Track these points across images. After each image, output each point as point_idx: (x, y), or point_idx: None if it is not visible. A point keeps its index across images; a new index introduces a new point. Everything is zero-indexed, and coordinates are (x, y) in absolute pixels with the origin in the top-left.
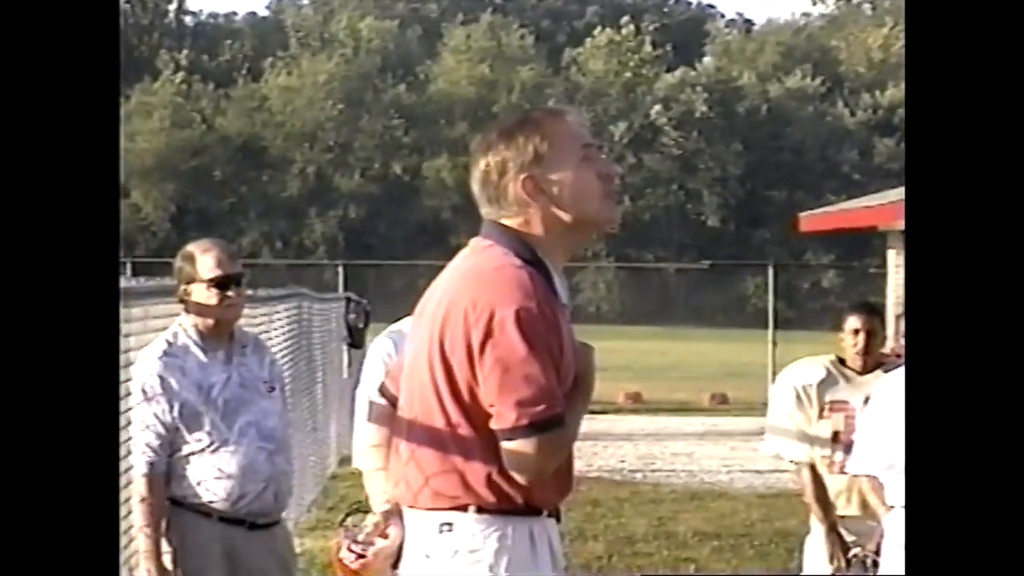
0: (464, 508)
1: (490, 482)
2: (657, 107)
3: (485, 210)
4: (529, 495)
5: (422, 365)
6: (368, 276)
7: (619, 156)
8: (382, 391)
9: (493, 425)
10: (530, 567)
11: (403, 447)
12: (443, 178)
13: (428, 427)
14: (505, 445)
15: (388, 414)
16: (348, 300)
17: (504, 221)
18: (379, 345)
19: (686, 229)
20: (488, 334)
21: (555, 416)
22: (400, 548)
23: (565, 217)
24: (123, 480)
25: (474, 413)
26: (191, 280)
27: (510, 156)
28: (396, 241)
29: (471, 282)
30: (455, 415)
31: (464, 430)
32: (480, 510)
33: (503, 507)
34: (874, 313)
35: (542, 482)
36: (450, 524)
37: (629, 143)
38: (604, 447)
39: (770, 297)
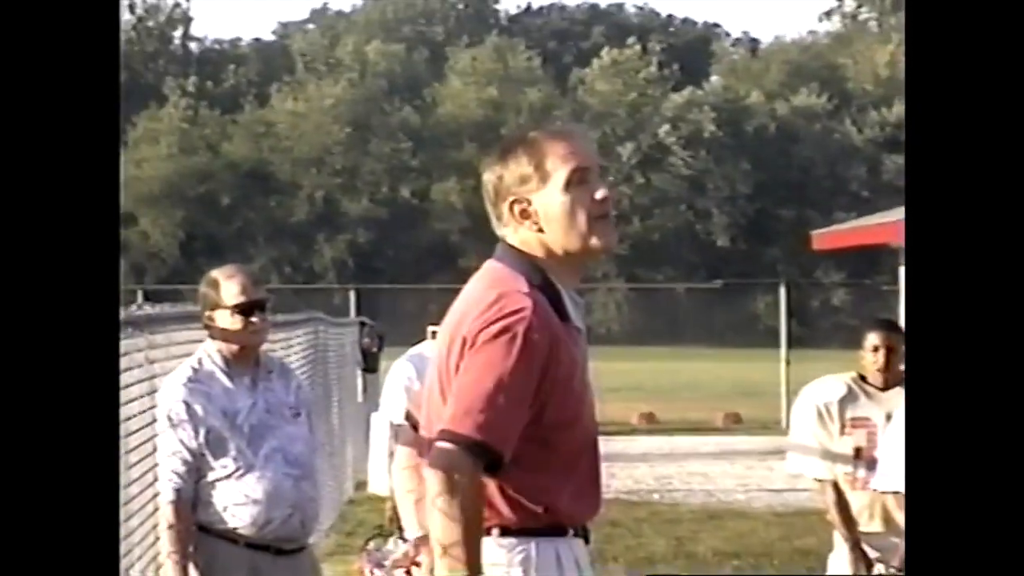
0: (488, 531)
1: (509, 500)
2: (665, 127)
3: (496, 228)
4: (553, 514)
5: (434, 386)
6: (379, 300)
7: (627, 176)
8: (408, 417)
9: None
10: None
11: (424, 471)
12: (452, 201)
13: None
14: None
15: (416, 438)
16: (362, 324)
17: (511, 241)
18: (399, 369)
19: (696, 249)
20: (460, 357)
21: (477, 444)
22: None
23: (552, 243)
24: (150, 507)
25: None
26: (215, 306)
27: (504, 176)
28: (406, 264)
29: (468, 305)
30: None
31: None
32: (503, 532)
33: (526, 526)
34: (894, 329)
35: (567, 500)
36: None
37: (637, 163)
38: (620, 468)
39: (782, 315)
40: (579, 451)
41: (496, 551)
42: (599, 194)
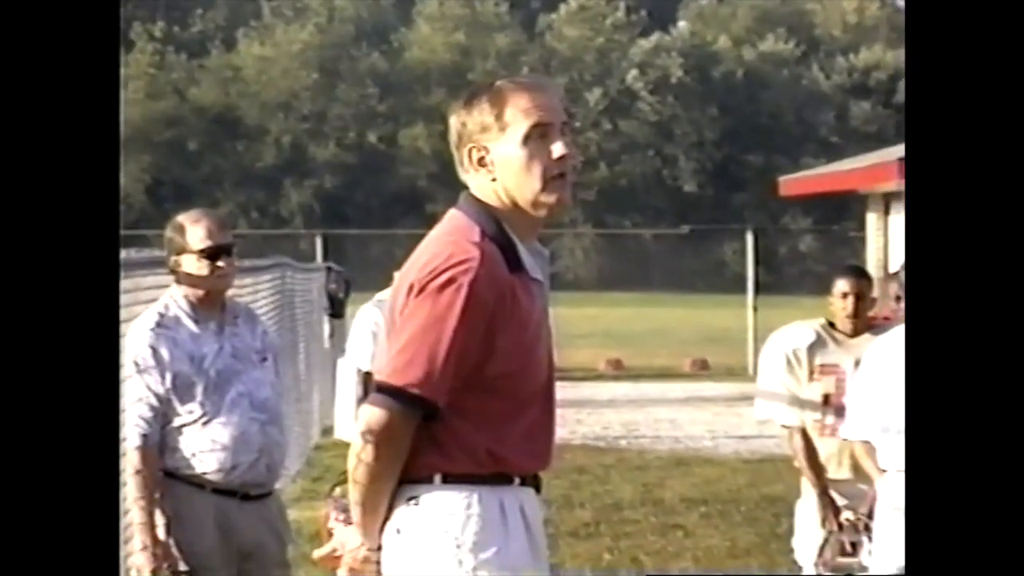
0: (430, 479)
1: (453, 448)
2: (633, 72)
3: (460, 174)
4: (497, 462)
5: (388, 328)
6: (346, 246)
7: (595, 122)
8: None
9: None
10: (499, 537)
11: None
12: (419, 147)
13: None
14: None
15: None
16: (329, 270)
17: (471, 189)
18: (366, 315)
19: (663, 195)
20: (405, 303)
21: (415, 398)
22: None
23: (505, 193)
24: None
25: None
26: (181, 251)
27: (467, 122)
28: (373, 210)
29: (422, 251)
30: None
31: None
32: (446, 479)
33: (469, 473)
34: (863, 276)
35: (512, 448)
36: (416, 497)
37: (605, 109)
38: (588, 414)
39: (749, 262)
40: (527, 401)
41: (438, 497)
42: (556, 151)
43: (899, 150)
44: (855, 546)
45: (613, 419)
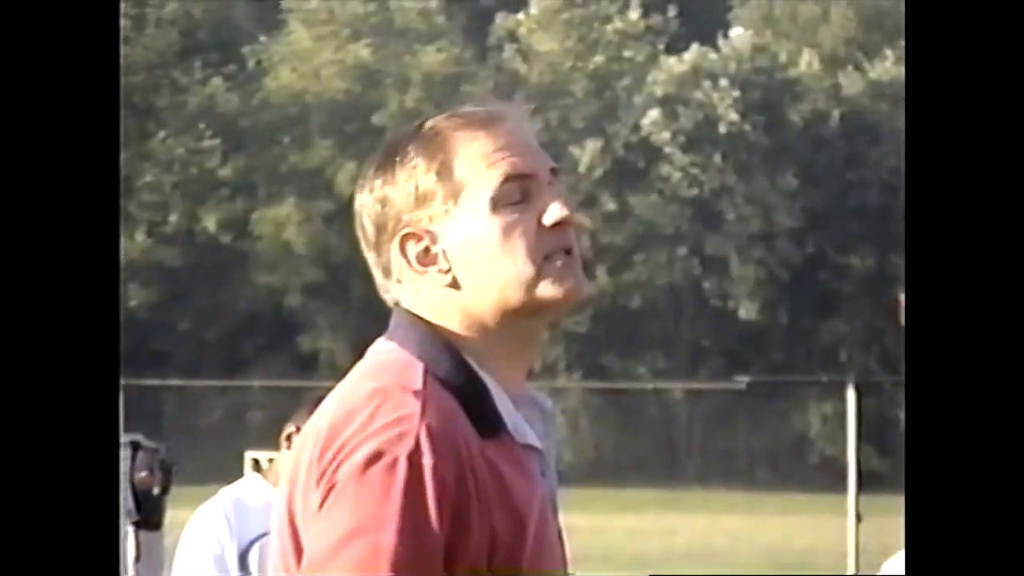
0: None
1: None
2: (652, 114)
3: (380, 286)
4: None
5: (284, 550)
6: (163, 401)
7: (587, 198)
8: None
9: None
10: None
11: None
12: (287, 240)
13: None
14: None
15: None
16: (134, 448)
17: (407, 306)
18: (204, 526)
19: (703, 324)
20: (321, 503)
21: None
22: None
23: (473, 301)
24: None
25: None
26: None
27: (389, 196)
28: (207, 347)
29: (327, 414)
30: None
31: None
32: None
33: None
34: None
35: None
36: None
37: (604, 177)
38: None
39: (850, 437)
40: None
41: None
42: (553, 213)
43: None
44: None
45: None
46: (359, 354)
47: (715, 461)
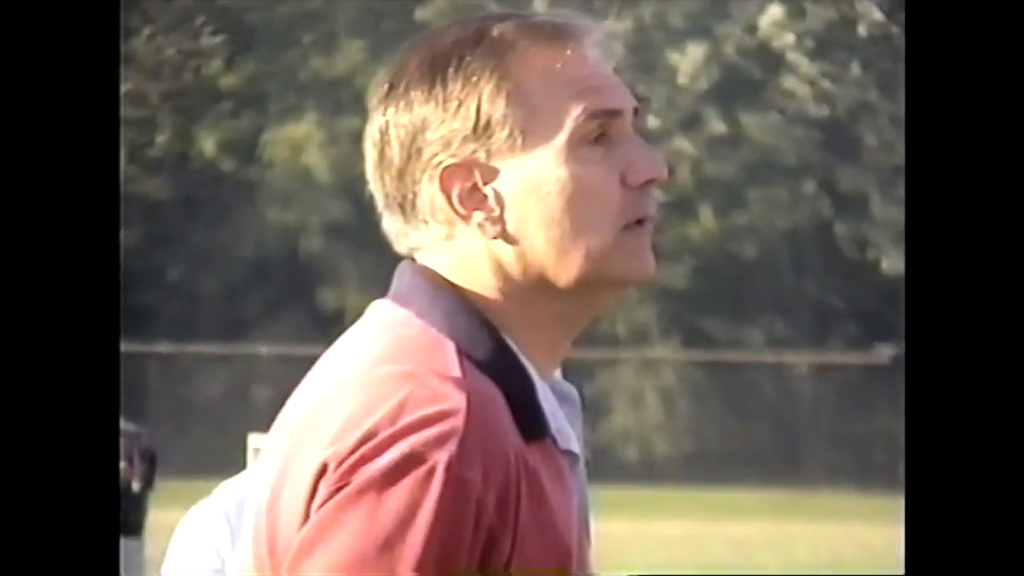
0: None
1: None
2: (773, 10)
3: (393, 229)
4: None
5: (248, 537)
6: (146, 371)
7: (688, 118)
8: None
9: None
10: None
11: None
12: (306, 166)
13: None
14: None
15: None
16: None
17: (426, 260)
18: (199, 531)
19: (835, 279)
20: (323, 502)
21: None
22: None
23: (522, 265)
24: None
25: None
26: None
27: (434, 117)
28: (203, 302)
29: (334, 396)
30: None
31: None
32: None
33: None
34: None
35: None
36: None
37: (710, 90)
38: None
39: None
40: None
41: None
42: (643, 171)
43: None
44: None
45: None
46: None
47: (848, 455)
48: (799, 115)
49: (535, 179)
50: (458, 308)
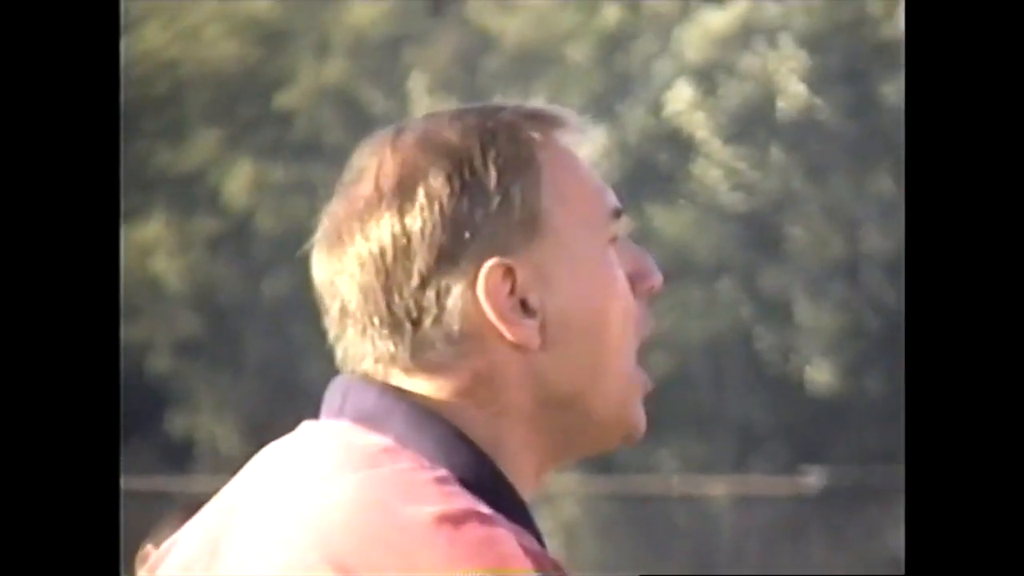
0: None
1: None
2: (682, 89)
3: (371, 350)
4: None
5: None
6: None
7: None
8: None
9: None
10: None
11: None
12: (155, 274)
13: None
14: None
15: None
16: None
17: (401, 381)
18: None
19: (758, 395)
20: None
21: None
22: None
23: (581, 384)
24: None
25: None
26: None
27: (466, 213)
28: None
29: (345, 546)
30: None
31: None
32: None
33: None
34: None
35: None
36: None
37: (614, 181)
38: None
39: None
40: None
41: None
42: (652, 275)
43: None
44: None
45: None
46: (255, 440)
47: None
48: (714, 207)
49: (580, 283)
50: (447, 436)
